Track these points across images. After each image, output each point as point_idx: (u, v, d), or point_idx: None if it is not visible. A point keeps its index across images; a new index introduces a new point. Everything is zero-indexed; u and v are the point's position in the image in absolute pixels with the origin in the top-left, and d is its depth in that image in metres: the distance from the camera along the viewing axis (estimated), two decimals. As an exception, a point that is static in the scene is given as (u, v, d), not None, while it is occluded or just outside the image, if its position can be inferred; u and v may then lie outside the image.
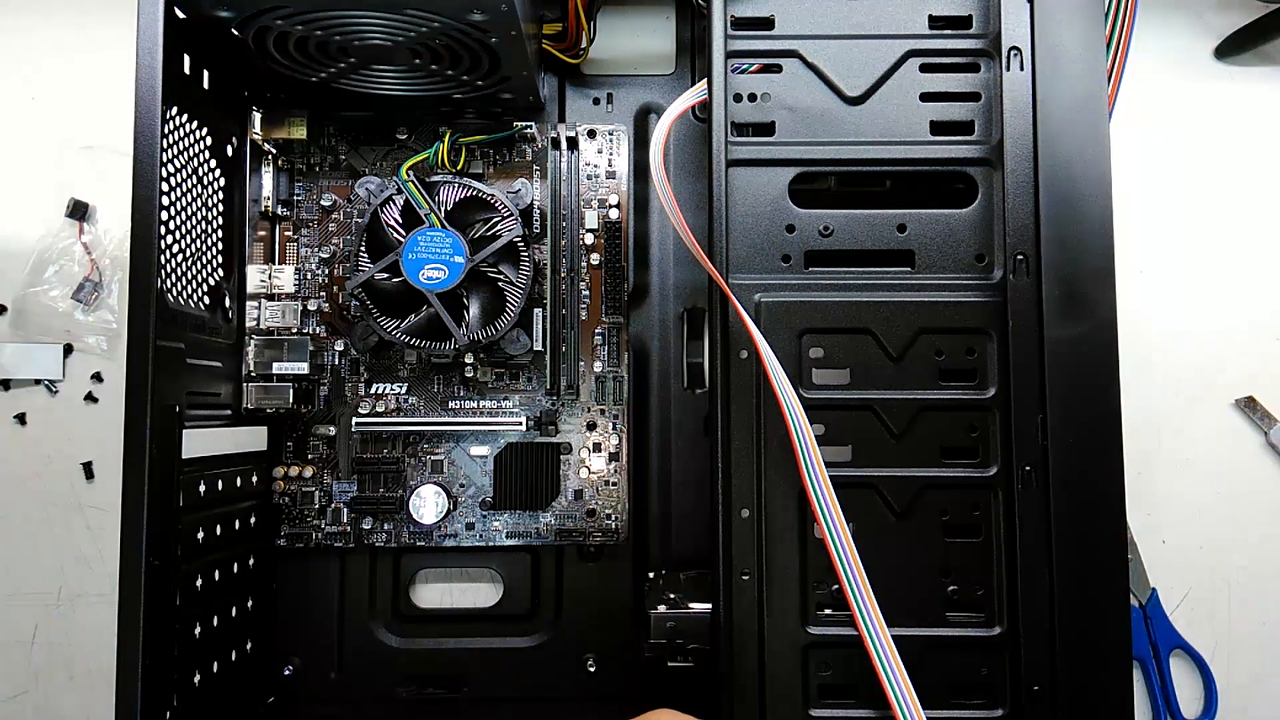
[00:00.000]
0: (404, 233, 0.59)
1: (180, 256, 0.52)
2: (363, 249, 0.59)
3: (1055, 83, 0.50)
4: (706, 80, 0.52)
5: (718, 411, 0.49)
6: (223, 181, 0.58)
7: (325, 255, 0.64)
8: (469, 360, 0.63)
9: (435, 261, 0.58)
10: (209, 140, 0.56)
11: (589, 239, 0.64)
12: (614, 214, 0.64)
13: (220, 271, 0.58)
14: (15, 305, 0.67)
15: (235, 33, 0.52)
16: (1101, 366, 0.48)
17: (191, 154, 0.54)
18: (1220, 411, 0.67)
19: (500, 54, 0.53)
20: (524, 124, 0.64)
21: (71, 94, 0.68)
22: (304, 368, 0.62)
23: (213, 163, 0.57)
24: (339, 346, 0.64)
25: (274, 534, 0.63)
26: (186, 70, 0.52)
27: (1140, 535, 0.65)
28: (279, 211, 0.63)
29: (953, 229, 0.51)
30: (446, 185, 0.60)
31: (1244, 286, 0.67)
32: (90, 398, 0.66)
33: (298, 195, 0.64)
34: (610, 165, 0.64)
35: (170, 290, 0.51)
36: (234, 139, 0.60)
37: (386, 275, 0.59)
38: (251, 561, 0.60)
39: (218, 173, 0.57)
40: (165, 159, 0.49)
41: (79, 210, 0.67)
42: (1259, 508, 0.66)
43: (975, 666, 0.48)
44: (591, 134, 0.64)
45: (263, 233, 0.63)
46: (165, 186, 0.50)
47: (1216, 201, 0.67)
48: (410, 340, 0.59)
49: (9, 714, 0.64)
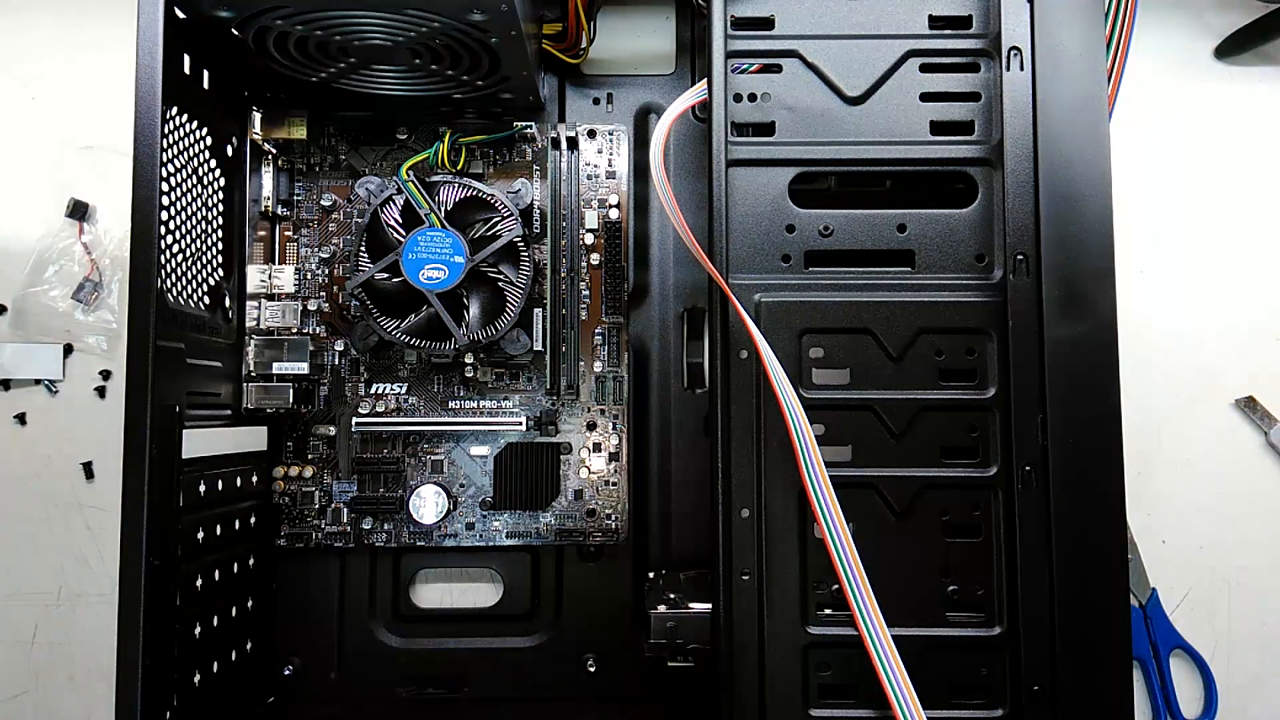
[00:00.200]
0: (404, 233, 0.59)
1: (180, 256, 0.52)
2: (363, 249, 0.59)
3: (1055, 83, 0.50)
4: (706, 80, 0.52)
5: (718, 411, 0.49)
6: (223, 181, 0.58)
7: (325, 255, 0.64)
8: (469, 360, 0.63)
9: (435, 261, 0.58)
10: (209, 140, 0.56)
11: (589, 239, 0.64)
12: (614, 214, 0.64)
13: (220, 271, 0.58)
14: (15, 305, 0.67)
15: (235, 33, 0.52)
16: (1101, 366, 0.48)
17: (191, 154, 0.54)
18: (1220, 411, 0.67)
19: (500, 54, 0.53)
20: (524, 124, 0.64)
21: (71, 94, 0.68)
22: (304, 368, 0.62)
23: (213, 163, 0.57)
24: (339, 346, 0.64)
25: (274, 534, 0.63)
26: (186, 70, 0.52)
27: (1140, 535, 0.65)
28: (279, 211, 0.63)
29: (953, 229, 0.51)
30: (446, 185, 0.60)
31: (1244, 286, 0.67)
32: (99, 392, 0.66)
33: (298, 195, 0.64)
34: (610, 165, 0.64)
35: (170, 290, 0.51)
36: (234, 139, 0.60)
37: (386, 275, 0.59)
38: (251, 561, 0.60)
39: (218, 173, 0.57)
40: (165, 159, 0.50)
41: (79, 210, 0.67)
42: (1259, 508, 0.66)
43: (975, 666, 0.48)
44: (591, 134, 0.64)
45: (263, 233, 0.63)
46: (165, 186, 0.50)
47: (1216, 201, 0.67)
48: (410, 340, 0.59)
49: (9, 714, 0.64)
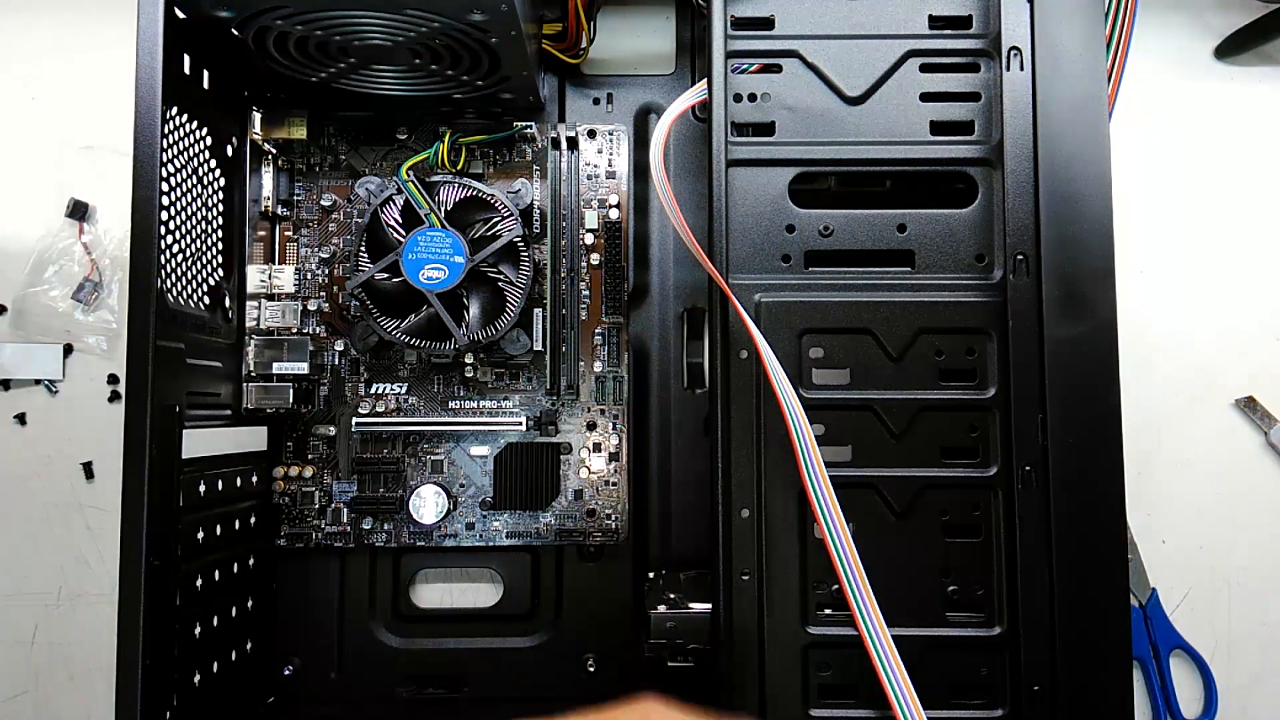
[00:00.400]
0: (404, 233, 0.59)
1: (180, 256, 0.52)
2: (363, 249, 0.59)
3: (1055, 83, 0.50)
4: (706, 80, 0.52)
5: (718, 411, 0.49)
6: (223, 181, 0.58)
7: (325, 255, 0.64)
8: (469, 360, 0.63)
9: (435, 261, 0.58)
10: (209, 140, 0.56)
11: (589, 239, 0.64)
12: (614, 214, 0.64)
13: (220, 271, 0.58)
14: (15, 305, 0.67)
15: (235, 33, 0.52)
16: (1101, 366, 0.48)
17: (191, 154, 0.54)
18: (1220, 411, 0.67)
19: (500, 54, 0.53)
20: (524, 124, 0.64)
21: (71, 94, 0.68)
22: (304, 368, 0.62)
23: (213, 163, 0.57)
24: (339, 346, 0.64)
25: (274, 534, 0.63)
26: (186, 70, 0.52)
27: (1140, 535, 0.65)
28: (279, 211, 0.63)
29: (953, 229, 0.51)
30: (446, 185, 0.60)
31: (1244, 286, 0.67)
32: (115, 396, 0.66)
33: (298, 195, 0.64)
34: (610, 165, 0.64)
35: (170, 290, 0.51)
36: (234, 139, 0.60)
37: (386, 275, 0.59)
38: (251, 561, 0.60)
39: (218, 173, 0.57)
40: (165, 159, 0.50)
41: (79, 210, 0.67)
42: (1259, 508, 0.66)
43: (975, 666, 0.48)
44: (591, 134, 0.64)
45: (263, 233, 0.63)
46: (165, 186, 0.50)
47: (1216, 201, 0.67)
48: (410, 340, 0.59)
49: (9, 714, 0.64)
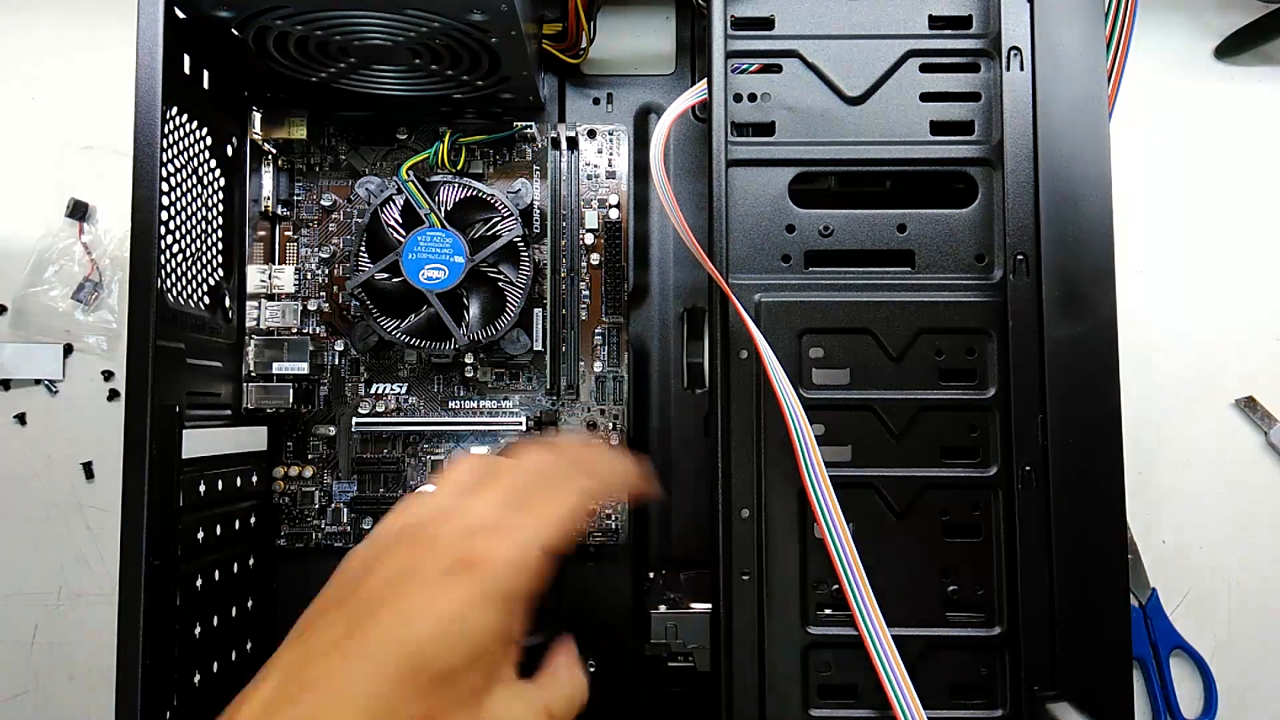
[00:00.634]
0: (404, 233, 0.59)
1: (180, 256, 0.52)
2: (363, 249, 0.59)
3: (1055, 83, 0.50)
4: (706, 80, 0.51)
5: (718, 411, 0.49)
6: (223, 181, 0.58)
7: (325, 255, 0.64)
8: (469, 360, 0.63)
9: (435, 261, 0.58)
10: (209, 140, 0.56)
11: (589, 239, 0.64)
12: (614, 214, 0.64)
13: (220, 271, 0.58)
14: (15, 305, 0.67)
15: (235, 33, 0.52)
16: (1101, 366, 0.48)
17: (191, 154, 0.54)
18: (1220, 411, 0.67)
19: (500, 54, 0.53)
20: (524, 124, 0.64)
21: (71, 94, 0.68)
22: (304, 368, 0.62)
23: (213, 163, 0.57)
24: (339, 346, 0.64)
25: (274, 534, 0.63)
26: (186, 70, 0.52)
27: (1140, 535, 0.65)
28: (279, 211, 0.63)
29: (953, 229, 0.51)
30: (446, 185, 0.60)
31: (1244, 286, 0.67)
32: (112, 394, 0.66)
33: (298, 195, 0.64)
34: (610, 165, 0.64)
35: (170, 290, 0.51)
36: (234, 139, 0.60)
37: (386, 275, 0.59)
38: (251, 561, 0.60)
39: (218, 173, 0.57)
40: (165, 159, 0.49)
41: (79, 210, 0.67)
42: (1259, 508, 0.66)
43: (975, 666, 0.48)
44: (591, 134, 0.64)
45: (263, 233, 0.63)
46: (165, 186, 0.50)
47: (1216, 201, 0.67)
48: (410, 340, 0.59)
49: (9, 714, 0.64)
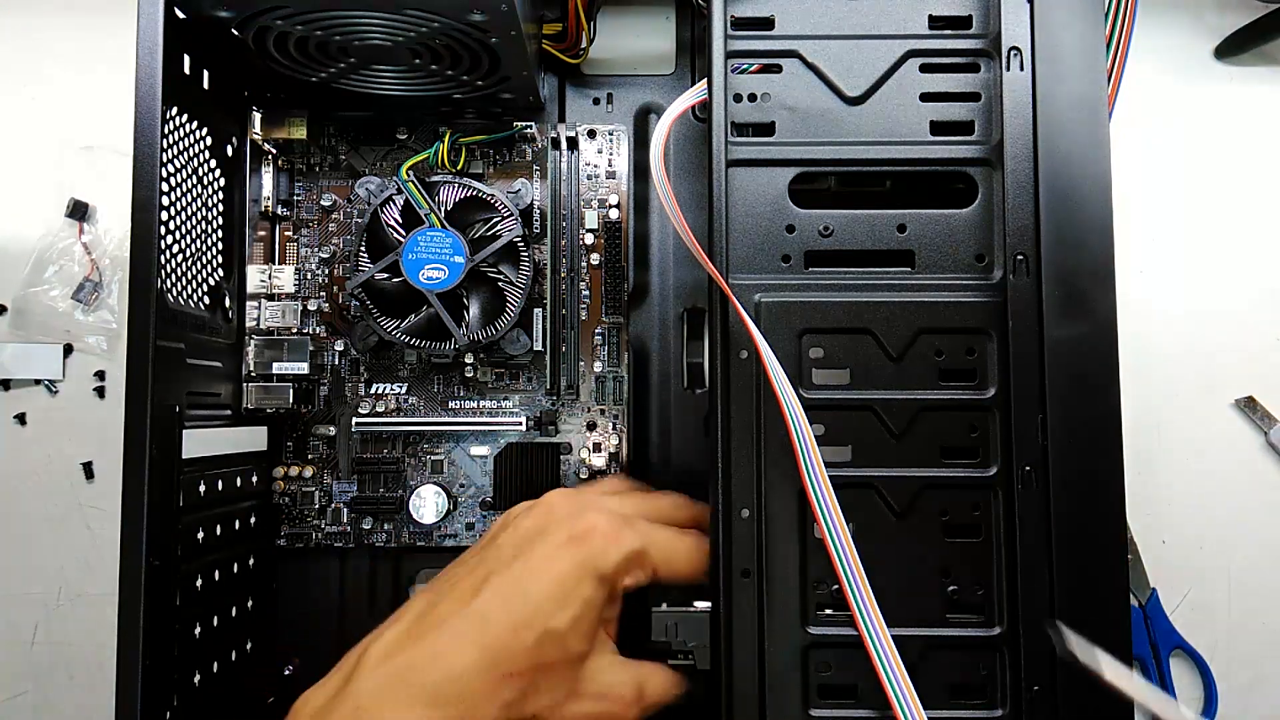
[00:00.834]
0: (404, 233, 0.59)
1: (180, 256, 0.52)
2: (363, 249, 0.59)
3: (1055, 83, 0.50)
4: (706, 81, 0.51)
5: (718, 411, 0.49)
6: (223, 181, 0.58)
7: (325, 255, 0.64)
8: (469, 360, 0.63)
9: (435, 261, 0.58)
10: (209, 140, 0.56)
11: (589, 239, 0.64)
12: (614, 214, 0.64)
13: (220, 271, 0.58)
14: (15, 305, 0.67)
15: (235, 33, 0.52)
16: (1101, 366, 0.48)
17: (191, 154, 0.54)
18: (1220, 411, 0.67)
19: (500, 54, 0.53)
20: (524, 124, 0.64)
21: (71, 94, 0.68)
22: (304, 368, 0.62)
23: (213, 163, 0.57)
24: (339, 346, 0.64)
25: (274, 534, 0.63)
26: (186, 70, 0.52)
27: (1140, 535, 0.65)
28: (279, 211, 0.63)
29: (953, 229, 0.50)
30: (446, 185, 0.60)
31: (1244, 286, 0.67)
32: (99, 392, 0.66)
33: (298, 195, 0.64)
34: (610, 165, 0.64)
35: (170, 290, 0.51)
36: (234, 139, 0.60)
37: (386, 275, 0.59)
38: (251, 561, 0.60)
39: (218, 173, 0.57)
40: (165, 159, 0.49)
41: (79, 210, 0.67)
42: (1259, 508, 0.66)
43: (975, 666, 0.48)
44: (591, 134, 0.64)
45: (263, 233, 0.63)
46: (165, 186, 0.50)
47: (1216, 201, 0.67)
48: (410, 340, 0.59)
49: (9, 714, 0.64)
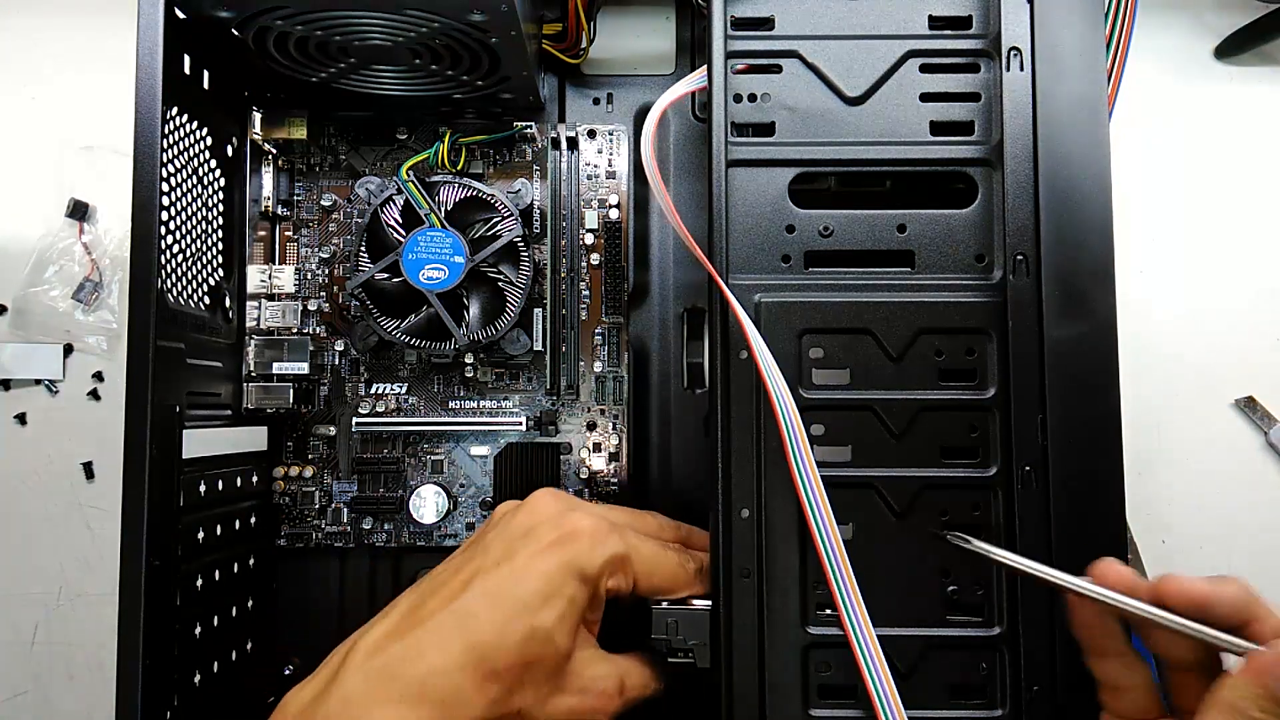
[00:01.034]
0: (404, 233, 0.59)
1: (180, 256, 0.52)
2: (363, 249, 0.59)
3: (1055, 83, 0.50)
4: (707, 81, 0.51)
5: (718, 411, 0.49)
6: (223, 181, 0.58)
7: (325, 255, 0.64)
8: (469, 360, 0.63)
9: (435, 261, 0.58)
10: (209, 140, 0.56)
11: (589, 239, 0.64)
12: (614, 214, 0.64)
13: (220, 271, 0.58)
14: (15, 305, 0.67)
15: (235, 33, 0.52)
16: (1101, 366, 0.48)
17: (191, 154, 0.54)
18: (1220, 411, 0.67)
19: (500, 54, 0.53)
20: (524, 124, 0.64)
21: (71, 94, 0.68)
22: (304, 368, 0.62)
23: (213, 163, 0.57)
24: (339, 346, 0.64)
25: (274, 534, 0.63)
26: (187, 70, 0.52)
27: (1140, 535, 0.65)
28: (279, 211, 0.63)
29: (953, 229, 0.50)
30: (446, 185, 0.60)
31: (1244, 286, 0.67)
32: (94, 395, 0.66)
33: (298, 195, 0.64)
34: (610, 165, 0.64)
35: (170, 290, 0.51)
36: (234, 139, 0.60)
37: (386, 275, 0.59)
38: (251, 561, 0.60)
39: (218, 173, 0.57)
40: (165, 159, 0.50)
41: (79, 210, 0.67)
42: (1259, 508, 0.66)
43: (975, 666, 0.48)
44: (591, 134, 0.64)
45: (263, 233, 0.63)
46: (165, 186, 0.50)
47: (1216, 202, 0.67)
48: (410, 340, 0.59)
49: (9, 714, 0.64)
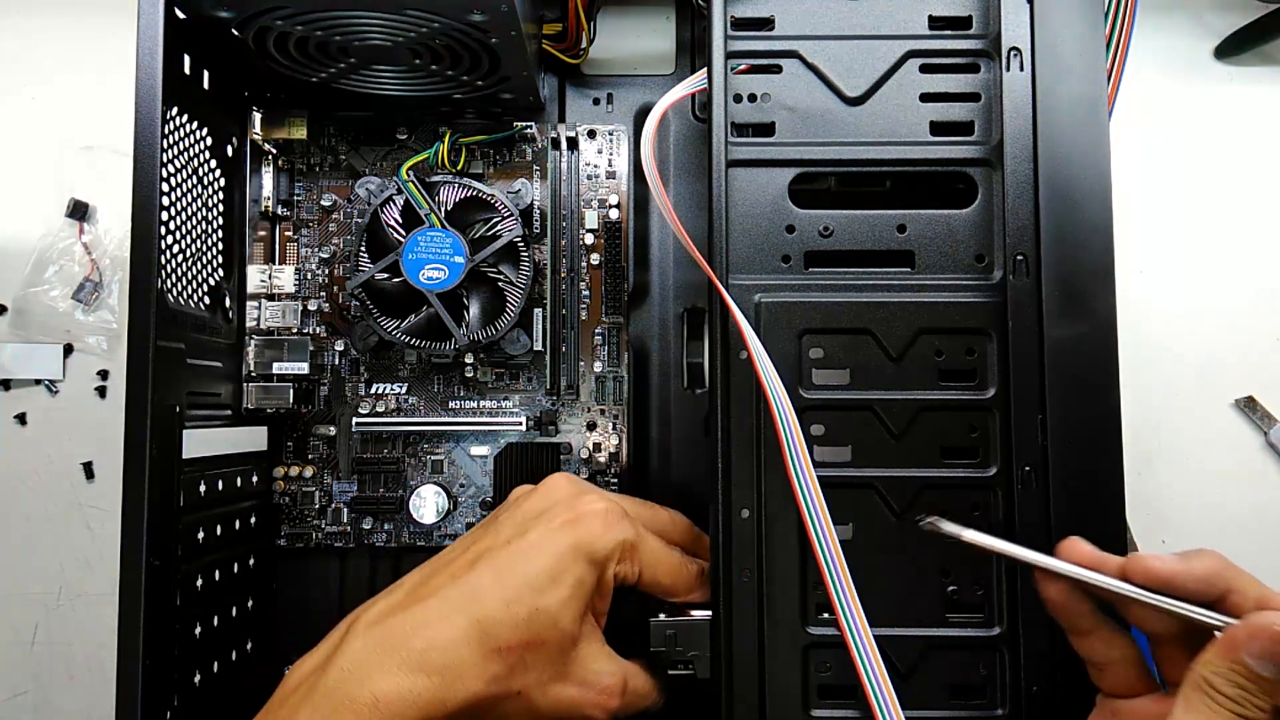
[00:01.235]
0: (404, 233, 0.59)
1: (180, 256, 0.52)
2: (363, 249, 0.59)
3: (1055, 83, 0.50)
4: (707, 82, 0.51)
5: (718, 411, 0.49)
6: (223, 181, 0.58)
7: (325, 255, 0.64)
8: (469, 360, 0.63)
9: (435, 261, 0.58)
10: (209, 140, 0.56)
11: (589, 239, 0.64)
12: (614, 214, 0.64)
13: (220, 271, 0.58)
14: (15, 305, 0.67)
15: (235, 33, 0.52)
16: (1101, 366, 0.48)
17: (191, 154, 0.54)
18: (1220, 411, 0.67)
19: (500, 54, 0.53)
20: (524, 124, 0.64)
21: (71, 94, 0.68)
22: (304, 368, 0.62)
23: (213, 163, 0.57)
24: (339, 346, 0.64)
25: (274, 534, 0.63)
26: (187, 70, 0.52)
27: (1140, 535, 0.65)
28: (279, 211, 0.63)
29: (953, 229, 0.50)
30: (446, 185, 0.60)
31: (1244, 286, 0.67)
32: (100, 392, 0.66)
33: (298, 195, 0.64)
34: (610, 165, 0.64)
35: (170, 290, 0.51)
36: (234, 139, 0.60)
37: (386, 275, 0.59)
38: (251, 561, 0.60)
39: (218, 173, 0.57)
40: (165, 159, 0.50)
41: (79, 210, 0.67)
42: (1259, 508, 0.66)
43: (975, 666, 0.48)
44: (591, 134, 0.64)
45: (263, 233, 0.63)
46: (165, 186, 0.50)
47: (1216, 202, 0.67)
48: (410, 340, 0.59)
49: (9, 714, 0.64)
